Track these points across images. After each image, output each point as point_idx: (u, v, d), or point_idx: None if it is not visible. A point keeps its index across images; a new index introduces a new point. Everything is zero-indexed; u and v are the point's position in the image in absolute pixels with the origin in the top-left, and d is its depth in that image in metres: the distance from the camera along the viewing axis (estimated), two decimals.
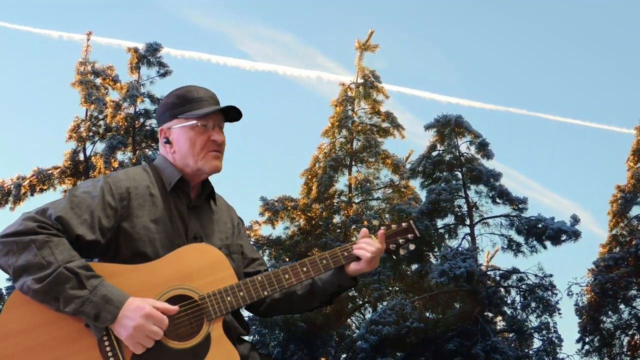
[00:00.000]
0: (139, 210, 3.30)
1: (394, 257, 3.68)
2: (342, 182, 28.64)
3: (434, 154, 24.67)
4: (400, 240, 3.63)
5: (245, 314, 4.02)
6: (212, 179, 3.57)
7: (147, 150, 25.73)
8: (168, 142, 3.48)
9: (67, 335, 3.03)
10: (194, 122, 3.42)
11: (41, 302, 2.99)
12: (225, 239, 3.57)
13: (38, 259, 2.96)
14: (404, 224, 3.66)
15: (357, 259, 3.49)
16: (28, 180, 25.75)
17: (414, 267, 24.91)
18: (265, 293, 3.33)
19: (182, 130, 3.43)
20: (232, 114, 3.54)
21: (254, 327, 25.36)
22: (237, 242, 3.63)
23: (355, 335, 25.67)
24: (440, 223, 24.13)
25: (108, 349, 3.02)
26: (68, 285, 2.96)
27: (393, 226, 3.65)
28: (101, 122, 26.27)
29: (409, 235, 3.65)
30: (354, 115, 28.98)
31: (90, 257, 3.22)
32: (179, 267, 3.21)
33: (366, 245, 3.48)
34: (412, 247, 3.65)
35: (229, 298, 3.24)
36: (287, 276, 3.39)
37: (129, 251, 3.24)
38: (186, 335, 3.14)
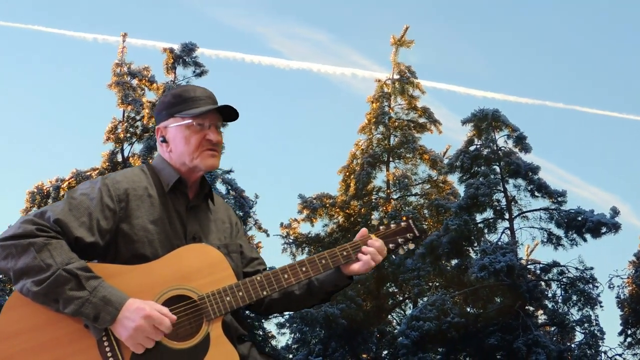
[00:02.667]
0: (137, 212, 3.31)
1: (393, 256, 3.68)
2: (380, 179, 28.69)
3: (472, 148, 24.57)
4: (400, 240, 3.64)
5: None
6: (256, 178, 3.58)
7: None
8: (164, 141, 3.50)
9: (67, 336, 3.04)
10: (190, 120, 3.43)
11: (41, 304, 3.01)
12: (224, 238, 3.58)
13: (37, 262, 2.97)
14: (403, 224, 3.68)
15: (356, 259, 3.50)
16: (67, 183, 25.84)
17: (454, 262, 24.86)
18: (265, 293, 3.34)
19: (178, 129, 3.45)
20: (229, 113, 3.55)
21: (294, 324, 25.42)
22: (235, 242, 3.64)
23: (396, 331, 25.68)
24: (479, 217, 24.05)
25: (107, 349, 3.03)
26: (67, 286, 2.97)
27: (392, 226, 3.66)
28: (138, 123, 26.33)
29: (408, 235, 3.66)
30: (390, 111, 28.96)
31: (89, 259, 3.23)
32: (177, 268, 3.22)
33: (374, 254, 3.49)
34: (411, 246, 3.68)
35: (228, 298, 3.24)
36: (286, 276, 3.40)
37: (128, 253, 3.24)
38: (185, 335, 3.15)
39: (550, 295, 23.03)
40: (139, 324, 2.99)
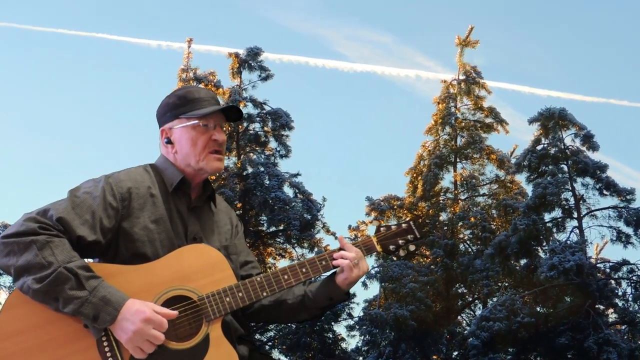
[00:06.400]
0: (139, 211, 3.33)
1: (394, 257, 3.72)
2: (447, 179, 28.56)
3: (539, 147, 24.36)
4: (400, 241, 3.64)
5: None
6: (323, 182, 3.61)
7: (251, 154, 25.79)
8: (169, 142, 3.52)
9: (67, 336, 3.07)
10: (196, 121, 3.46)
11: (41, 302, 3.04)
12: (225, 240, 3.60)
13: (39, 259, 3.00)
14: (403, 225, 3.67)
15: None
16: None
17: (523, 262, 24.71)
18: (265, 294, 3.36)
19: (184, 130, 3.47)
20: (233, 114, 3.59)
21: (364, 327, 25.44)
22: (235, 243, 3.67)
23: (466, 332, 25.54)
24: (547, 217, 23.81)
25: (107, 349, 3.06)
26: (67, 285, 2.99)
27: (393, 227, 3.67)
28: None
29: (409, 236, 3.66)
30: (456, 112, 28.86)
31: (91, 257, 3.29)
32: (178, 268, 3.25)
33: (345, 253, 3.49)
34: (412, 248, 3.68)
35: (227, 299, 3.26)
36: (286, 277, 3.41)
37: (128, 252, 3.27)
38: (185, 335, 3.18)
39: (620, 293, 22.78)
40: (138, 328, 3.03)
